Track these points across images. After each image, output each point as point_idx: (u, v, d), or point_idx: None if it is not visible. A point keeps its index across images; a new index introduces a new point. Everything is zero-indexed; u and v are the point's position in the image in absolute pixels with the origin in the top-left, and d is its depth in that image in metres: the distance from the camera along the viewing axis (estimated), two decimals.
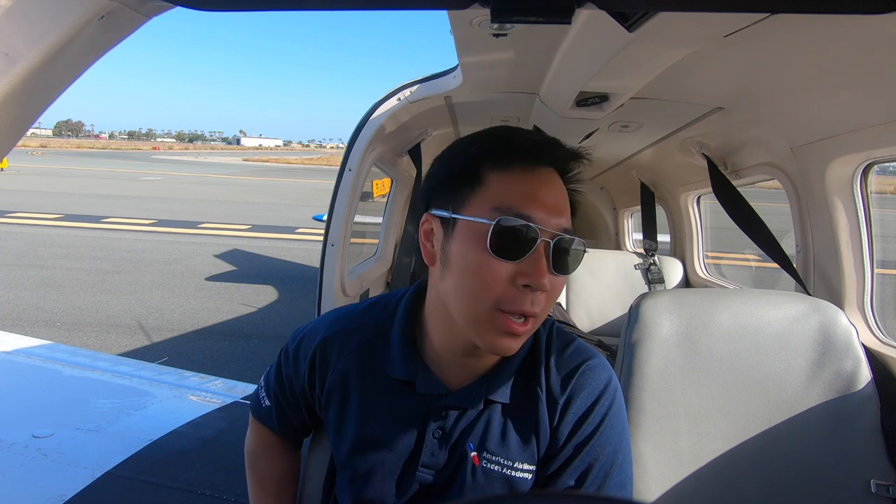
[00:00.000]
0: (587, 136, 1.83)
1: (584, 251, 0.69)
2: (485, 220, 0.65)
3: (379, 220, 2.79)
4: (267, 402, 0.90)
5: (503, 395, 0.75)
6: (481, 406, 0.74)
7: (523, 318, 0.65)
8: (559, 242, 0.65)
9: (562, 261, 0.66)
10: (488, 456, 0.73)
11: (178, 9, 0.62)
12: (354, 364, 0.79)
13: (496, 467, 0.73)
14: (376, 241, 2.74)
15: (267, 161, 60.67)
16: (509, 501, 0.32)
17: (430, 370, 0.75)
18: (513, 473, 0.73)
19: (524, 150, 0.68)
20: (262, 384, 0.92)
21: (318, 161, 61.38)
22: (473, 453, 0.73)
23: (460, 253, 0.67)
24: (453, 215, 0.68)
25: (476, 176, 0.68)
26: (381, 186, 2.97)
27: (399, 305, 0.81)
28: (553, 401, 0.75)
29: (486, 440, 0.74)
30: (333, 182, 1.91)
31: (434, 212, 0.71)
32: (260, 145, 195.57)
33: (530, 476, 0.73)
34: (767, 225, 1.63)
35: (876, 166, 1.35)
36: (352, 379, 0.79)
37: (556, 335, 0.80)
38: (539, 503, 0.31)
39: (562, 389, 0.75)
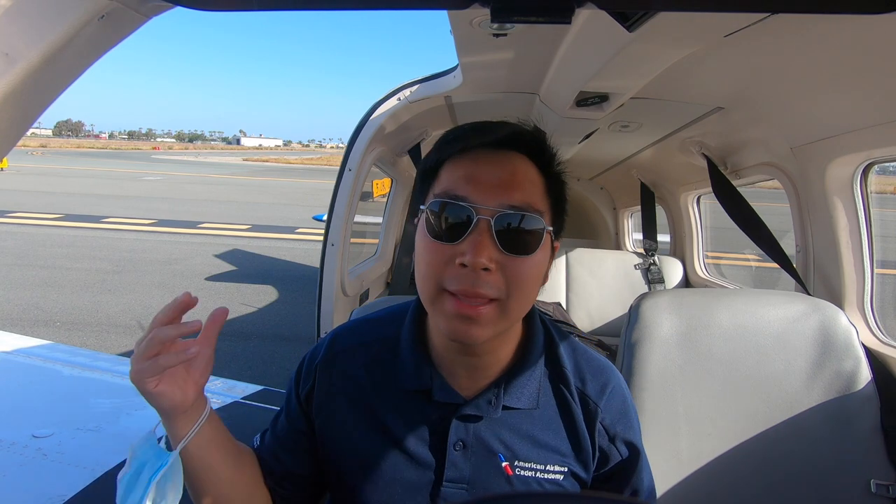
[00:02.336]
0: (587, 136, 1.82)
1: (545, 229, 0.65)
2: (423, 207, 0.66)
3: (379, 220, 2.79)
4: (257, 444, 0.83)
5: (526, 401, 0.72)
6: (499, 414, 0.71)
7: (477, 302, 0.61)
8: (501, 219, 0.62)
9: (511, 239, 0.62)
10: (520, 464, 0.71)
11: (178, 9, 0.62)
12: (365, 382, 0.75)
13: (529, 473, 0.71)
14: (376, 241, 2.74)
15: (267, 161, 60.65)
16: (510, 501, 0.32)
17: (443, 378, 0.72)
18: (546, 476, 0.71)
19: (468, 136, 0.66)
20: (257, 438, 0.84)
21: (318, 161, 61.38)
22: (505, 463, 0.71)
23: (417, 242, 0.68)
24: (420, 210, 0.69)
25: (435, 171, 0.68)
26: (381, 186, 2.97)
27: (406, 315, 0.78)
28: (588, 407, 0.75)
29: (515, 448, 0.71)
30: (333, 182, 1.91)
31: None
32: (260, 145, 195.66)
33: (562, 477, 0.72)
34: (767, 225, 1.63)
35: (876, 166, 1.35)
36: (362, 398, 0.74)
37: (568, 341, 0.79)
38: (539, 503, 0.31)
39: (598, 397, 0.75)
